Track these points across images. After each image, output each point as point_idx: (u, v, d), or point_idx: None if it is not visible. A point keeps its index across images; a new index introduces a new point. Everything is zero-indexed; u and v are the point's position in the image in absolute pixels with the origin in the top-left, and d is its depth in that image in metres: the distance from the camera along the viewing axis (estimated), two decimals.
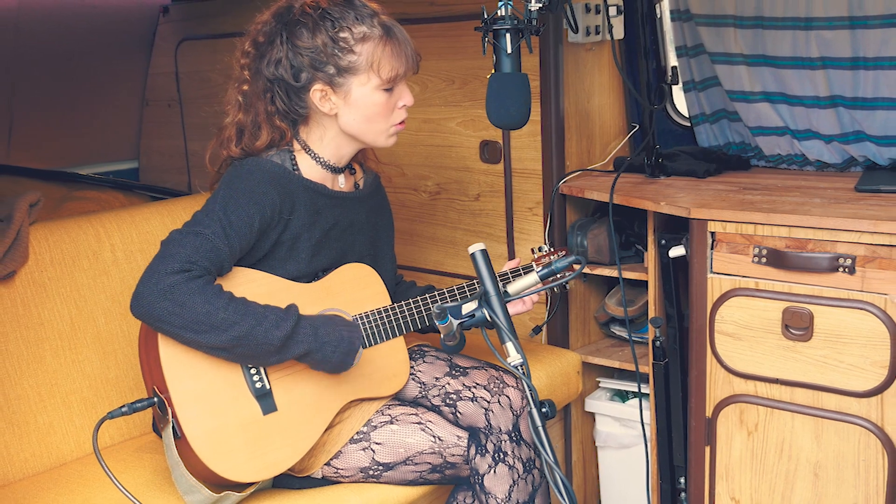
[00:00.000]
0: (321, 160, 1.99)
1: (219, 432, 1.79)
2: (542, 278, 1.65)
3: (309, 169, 1.98)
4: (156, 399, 1.80)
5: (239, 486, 1.83)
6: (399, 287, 2.27)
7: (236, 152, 1.95)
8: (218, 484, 1.79)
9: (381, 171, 2.20)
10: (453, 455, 1.96)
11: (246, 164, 1.90)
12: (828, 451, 1.96)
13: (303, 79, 1.89)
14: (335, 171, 2.02)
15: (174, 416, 1.77)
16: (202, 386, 1.80)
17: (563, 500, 1.42)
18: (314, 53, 1.87)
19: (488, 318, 1.55)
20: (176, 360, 1.78)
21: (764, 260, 1.98)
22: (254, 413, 1.83)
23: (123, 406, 1.80)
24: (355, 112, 1.93)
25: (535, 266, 2.19)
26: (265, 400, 1.85)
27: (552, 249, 2.22)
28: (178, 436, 1.77)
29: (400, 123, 1.99)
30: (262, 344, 1.74)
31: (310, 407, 1.90)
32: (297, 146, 1.98)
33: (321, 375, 1.91)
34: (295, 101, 1.92)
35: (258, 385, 1.85)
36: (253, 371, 1.85)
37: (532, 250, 2.24)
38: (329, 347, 1.80)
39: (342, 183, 2.05)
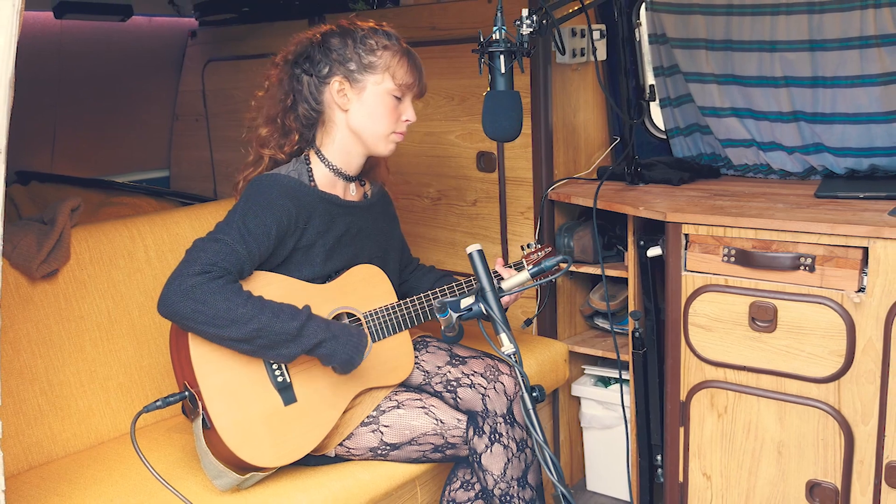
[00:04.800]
0: (333, 167, 1.99)
1: (245, 422, 1.78)
2: (533, 276, 1.65)
3: (323, 178, 1.98)
4: (187, 393, 1.79)
5: (262, 469, 1.83)
6: (416, 271, 2.28)
7: (265, 157, 1.99)
8: (243, 468, 1.79)
9: (389, 183, 2.21)
10: (454, 436, 1.96)
11: (265, 179, 1.90)
12: (790, 432, 1.96)
13: (325, 72, 1.94)
14: (347, 179, 2.02)
15: (204, 408, 1.76)
16: (229, 381, 1.79)
17: (552, 475, 1.42)
18: (341, 50, 1.94)
19: (484, 312, 1.55)
20: (205, 358, 1.78)
21: (732, 259, 1.98)
22: (276, 404, 1.83)
23: (158, 400, 1.79)
24: (365, 109, 1.95)
25: (524, 262, 2.20)
26: (286, 392, 1.84)
27: (539, 245, 2.23)
28: (208, 426, 1.76)
29: (401, 133, 2.00)
30: (280, 334, 1.73)
31: (326, 397, 1.89)
32: (312, 155, 1.98)
33: None
34: (314, 96, 1.95)
35: (279, 379, 1.84)
36: (275, 366, 1.84)
37: (521, 247, 2.25)
38: (340, 340, 1.80)
39: (353, 192, 2.05)
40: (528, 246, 2.23)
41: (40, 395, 2.03)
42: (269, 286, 1.84)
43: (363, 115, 1.95)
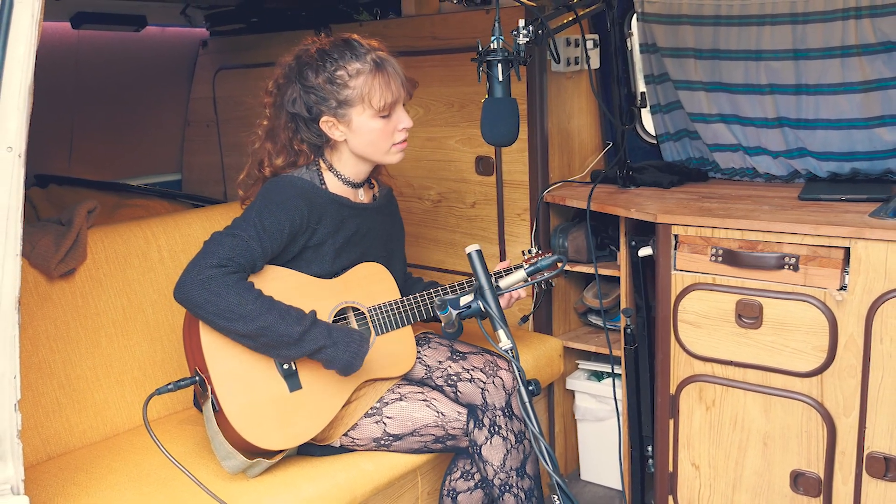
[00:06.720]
0: (342, 177, 2.00)
1: (251, 407, 1.79)
2: (529, 275, 1.65)
3: (333, 184, 1.99)
4: (197, 378, 1.80)
5: (268, 454, 1.83)
6: (407, 282, 2.28)
7: (268, 173, 1.98)
8: (250, 451, 1.80)
9: (393, 185, 2.21)
10: (454, 428, 1.96)
11: (280, 180, 1.92)
12: (775, 424, 1.96)
13: (314, 112, 1.91)
14: (355, 186, 2.02)
15: (213, 392, 1.77)
16: (237, 367, 1.80)
17: (547, 465, 1.42)
18: (318, 91, 1.89)
19: (483, 309, 1.55)
20: (214, 345, 1.79)
21: (720, 259, 1.98)
22: (282, 390, 1.83)
23: (169, 384, 1.80)
24: (360, 137, 1.93)
25: (524, 265, 2.19)
26: (292, 379, 1.85)
27: (540, 252, 2.23)
28: (217, 409, 1.77)
29: (402, 143, 1.99)
30: (283, 336, 1.74)
31: (330, 385, 1.90)
32: (323, 165, 1.99)
33: None
34: (313, 130, 1.94)
35: (285, 366, 1.84)
36: None
37: (522, 252, 2.24)
38: (340, 347, 1.80)
39: (362, 196, 2.05)
40: (529, 251, 2.23)
41: (58, 388, 2.03)
42: (279, 280, 1.85)
43: (359, 142, 1.94)
